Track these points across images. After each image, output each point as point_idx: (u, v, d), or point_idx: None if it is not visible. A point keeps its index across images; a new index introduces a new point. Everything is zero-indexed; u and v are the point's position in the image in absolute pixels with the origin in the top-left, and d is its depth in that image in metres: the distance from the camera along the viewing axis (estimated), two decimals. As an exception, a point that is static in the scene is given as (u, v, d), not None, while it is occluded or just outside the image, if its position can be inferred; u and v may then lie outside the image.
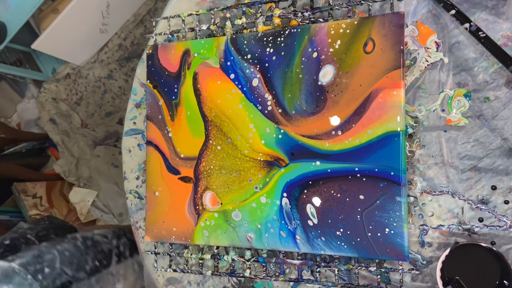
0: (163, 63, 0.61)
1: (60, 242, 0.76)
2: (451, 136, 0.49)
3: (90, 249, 0.80)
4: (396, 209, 0.47)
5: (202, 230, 0.58)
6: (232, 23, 0.58)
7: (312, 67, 0.51)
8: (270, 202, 0.53)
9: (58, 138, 1.48)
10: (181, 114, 0.60)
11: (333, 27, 0.50)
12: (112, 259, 0.82)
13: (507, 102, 0.47)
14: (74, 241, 0.78)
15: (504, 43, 0.47)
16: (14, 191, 1.27)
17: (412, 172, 0.50)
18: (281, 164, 0.53)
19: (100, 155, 1.43)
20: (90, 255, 0.78)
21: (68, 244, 0.76)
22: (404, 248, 0.46)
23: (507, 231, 0.46)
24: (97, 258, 0.79)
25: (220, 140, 0.57)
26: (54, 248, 0.74)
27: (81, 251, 0.77)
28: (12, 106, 1.63)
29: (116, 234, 0.88)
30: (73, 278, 0.72)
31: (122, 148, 0.70)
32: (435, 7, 0.50)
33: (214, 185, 0.57)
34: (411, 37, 0.50)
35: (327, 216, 0.50)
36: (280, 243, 0.53)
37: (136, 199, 0.68)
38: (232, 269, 0.58)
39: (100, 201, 1.36)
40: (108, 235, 0.85)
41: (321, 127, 0.51)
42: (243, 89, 0.56)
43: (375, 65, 0.48)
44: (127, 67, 1.47)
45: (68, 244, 0.76)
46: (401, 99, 0.47)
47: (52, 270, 0.70)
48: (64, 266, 0.72)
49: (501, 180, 0.47)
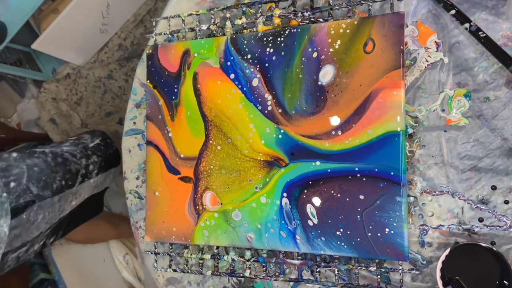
0: (163, 63, 0.61)
1: (30, 156, 0.73)
2: (451, 136, 0.49)
3: (60, 167, 0.77)
4: (396, 209, 0.47)
5: (202, 230, 0.58)
6: (232, 23, 0.58)
7: (312, 67, 0.51)
8: (270, 202, 0.53)
9: (58, 138, 1.48)
10: (181, 114, 0.60)
11: (333, 27, 0.50)
12: (77, 179, 0.80)
13: (507, 102, 0.47)
14: (44, 157, 0.75)
15: (504, 43, 0.47)
16: (14, 191, 1.27)
17: (412, 172, 0.50)
18: (281, 164, 0.53)
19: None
20: (58, 173, 0.75)
21: (38, 159, 0.73)
22: (404, 248, 0.46)
23: (507, 231, 0.46)
24: (64, 178, 0.77)
25: (220, 140, 0.57)
26: (24, 163, 0.71)
27: (50, 169, 0.74)
28: (12, 106, 1.63)
29: (85, 154, 0.84)
30: (37, 196, 0.70)
31: (122, 148, 0.70)
32: (435, 7, 0.50)
33: (214, 185, 0.57)
34: (411, 37, 0.50)
35: (327, 216, 0.50)
36: (280, 243, 0.53)
37: (136, 199, 0.68)
38: (232, 269, 0.58)
39: (100, 201, 1.36)
40: (77, 154, 0.82)
41: (321, 127, 0.51)
42: (243, 89, 0.56)
43: (375, 65, 0.48)
44: (127, 67, 1.47)
45: (38, 160, 0.73)
46: (401, 99, 0.47)
47: (18, 185, 0.67)
48: (31, 182, 0.69)
49: (501, 180, 0.47)
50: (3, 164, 0.69)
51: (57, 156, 0.78)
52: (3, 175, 0.67)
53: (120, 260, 1.27)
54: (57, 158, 0.78)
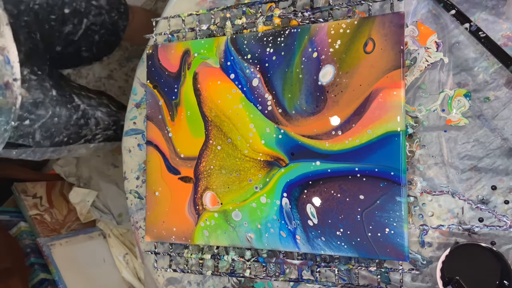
0: (163, 63, 0.61)
1: (63, 104, 0.71)
2: (451, 136, 0.49)
3: (76, 127, 0.74)
4: (396, 209, 0.47)
5: (202, 230, 0.58)
6: (232, 23, 0.58)
7: (312, 67, 0.51)
8: (270, 202, 0.53)
9: (58, 138, 1.48)
10: (181, 114, 0.60)
11: (333, 27, 0.50)
12: (80, 141, 0.78)
13: (507, 102, 0.47)
14: (73, 112, 0.72)
15: (504, 43, 0.47)
16: (14, 191, 1.27)
17: (412, 172, 0.50)
18: (281, 164, 0.53)
19: (100, 155, 1.43)
20: (69, 131, 0.73)
21: (68, 111, 0.71)
22: (404, 248, 0.46)
23: (507, 231, 0.46)
24: (70, 136, 0.75)
25: (220, 140, 0.57)
26: (53, 108, 0.68)
27: (67, 124, 0.72)
28: (12, 106, 1.63)
29: (107, 126, 0.81)
30: (36, 144, 0.68)
31: (122, 148, 0.70)
32: (435, 7, 0.50)
33: (214, 185, 0.57)
34: (411, 37, 0.50)
35: (327, 216, 0.50)
36: (280, 243, 0.53)
37: (136, 199, 0.68)
38: (232, 269, 0.58)
39: (100, 201, 1.36)
40: (101, 123, 0.79)
41: (321, 127, 0.51)
42: (243, 89, 0.56)
43: (375, 65, 0.48)
44: (127, 67, 1.47)
45: (67, 112, 0.71)
46: (401, 99, 0.47)
47: (28, 126, 0.65)
48: (41, 130, 0.67)
49: (501, 180, 0.47)
50: (37, 98, 0.66)
51: (85, 116, 0.76)
52: (26, 110, 0.64)
53: (120, 260, 1.27)
54: (83, 119, 0.76)
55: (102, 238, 1.31)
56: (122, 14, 0.87)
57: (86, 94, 0.82)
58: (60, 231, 1.26)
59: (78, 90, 0.80)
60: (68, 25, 0.76)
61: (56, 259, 1.14)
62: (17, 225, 1.22)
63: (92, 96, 0.83)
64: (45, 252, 1.13)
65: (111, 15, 0.84)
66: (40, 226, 1.21)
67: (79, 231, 1.29)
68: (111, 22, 0.84)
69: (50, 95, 0.69)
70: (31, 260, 1.15)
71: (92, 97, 0.83)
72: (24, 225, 1.22)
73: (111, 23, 0.84)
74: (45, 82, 0.69)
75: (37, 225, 1.21)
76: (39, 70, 0.68)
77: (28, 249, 1.16)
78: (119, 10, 0.86)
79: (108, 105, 0.87)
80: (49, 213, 1.29)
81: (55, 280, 1.11)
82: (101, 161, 1.43)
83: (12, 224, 1.23)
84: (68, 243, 1.21)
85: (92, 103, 0.81)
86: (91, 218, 1.35)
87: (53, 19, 0.72)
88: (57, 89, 0.72)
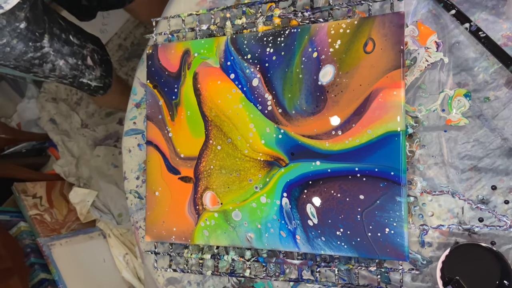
0: (163, 63, 0.61)
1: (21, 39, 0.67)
2: (451, 136, 0.49)
3: (26, 63, 0.72)
4: (396, 209, 0.47)
5: (202, 230, 0.58)
6: (232, 23, 0.58)
7: (312, 67, 0.51)
8: (270, 202, 0.53)
9: (58, 138, 1.48)
10: (181, 114, 0.60)
11: (333, 27, 0.50)
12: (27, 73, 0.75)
13: (507, 102, 0.47)
14: (31, 50, 0.70)
15: (504, 43, 0.47)
16: (14, 191, 1.27)
17: (412, 172, 0.50)
18: (281, 164, 0.53)
19: (100, 155, 1.43)
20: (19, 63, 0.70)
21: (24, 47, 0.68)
22: (404, 248, 0.46)
23: (507, 231, 0.46)
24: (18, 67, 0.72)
25: (220, 140, 0.57)
26: (7, 37, 0.65)
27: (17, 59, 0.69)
28: (12, 106, 1.63)
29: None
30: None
31: (122, 148, 0.70)
32: (435, 7, 0.50)
33: (214, 185, 0.57)
34: (411, 37, 0.50)
35: (327, 216, 0.50)
36: (280, 243, 0.53)
37: (136, 199, 0.68)
38: (232, 269, 0.58)
39: (100, 201, 1.36)
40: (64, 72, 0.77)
41: (321, 127, 0.51)
42: (243, 89, 0.56)
43: (375, 65, 0.48)
44: (127, 67, 1.47)
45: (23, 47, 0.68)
46: (401, 99, 0.47)
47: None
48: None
49: (501, 180, 0.47)
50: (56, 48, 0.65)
51: (42, 59, 0.73)
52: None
53: (120, 260, 1.27)
54: (39, 59, 0.73)
55: (102, 238, 1.31)
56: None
57: (66, 37, 0.78)
58: (60, 231, 1.26)
59: (60, 31, 0.76)
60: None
61: (56, 259, 1.14)
62: (17, 225, 1.22)
63: (71, 42, 0.79)
64: (45, 252, 1.13)
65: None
66: (40, 226, 1.21)
67: (79, 231, 1.29)
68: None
69: (15, 25, 0.65)
70: (31, 260, 1.15)
71: (70, 42, 0.79)
72: (24, 225, 1.22)
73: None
74: (20, 11, 0.65)
75: (37, 225, 1.21)
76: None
77: (28, 249, 1.16)
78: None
79: (86, 57, 0.83)
80: (49, 213, 1.29)
81: (55, 280, 1.11)
82: (101, 161, 1.43)
83: (12, 224, 1.23)
84: (68, 243, 1.21)
85: (64, 50, 0.77)
86: (91, 218, 1.35)
87: None
88: (31, 23, 0.68)
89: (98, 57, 0.86)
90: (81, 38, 0.82)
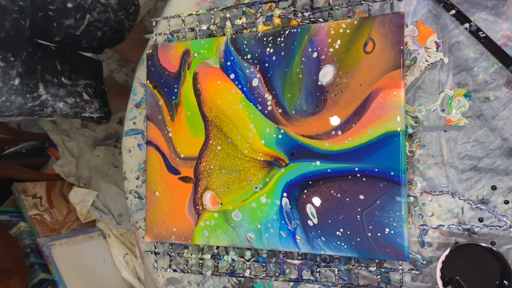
0: (163, 63, 0.61)
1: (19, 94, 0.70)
2: (451, 136, 0.49)
3: (28, 110, 0.74)
4: (396, 209, 0.47)
5: (202, 230, 0.58)
6: (232, 23, 0.58)
7: (312, 67, 0.51)
8: (270, 202, 0.53)
9: (58, 138, 1.48)
10: (181, 114, 0.60)
11: (333, 27, 0.50)
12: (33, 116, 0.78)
13: (507, 102, 0.47)
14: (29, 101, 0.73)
15: (504, 43, 0.47)
16: (14, 191, 1.27)
17: (412, 172, 0.50)
18: (281, 164, 0.53)
19: (100, 155, 1.43)
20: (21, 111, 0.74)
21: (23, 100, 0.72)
22: (404, 248, 0.46)
23: (507, 231, 0.46)
24: (22, 115, 0.74)
25: (220, 140, 0.57)
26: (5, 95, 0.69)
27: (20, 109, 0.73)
28: (12, 106, 1.63)
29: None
30: None
31: (122, 148, 0.70)
32: (435, 7, 0.50)
33: (214, 185, 0.57)
34: (411, 37, 0.50)
35: (327, 216, 0.50)
36: (280, 243, 0.53)
37: (136, 199, 0.68)
38: (232, 269, 0.58)
39: (100, 201, 1.36)
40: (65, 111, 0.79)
41: (321, 127, 0.51)
42: (243, 89, 0.56)
43: (375, 65, 0.48)
44: (127, 67, 1.47)
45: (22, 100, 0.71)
46: (401, 99, 0.47)
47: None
48: None
49: (501, 180, 0.47)
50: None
51: (42, 105, 0.76)
52: None
53: (120, 260, 1.27)
54: (39, 107, 0.76)
55: (102, 238, 1.31)
56: (130, 15, 0.87)
57: (58, 81, 0.80)
58: (60, 231, 1.26)
59: (52, 77, 0.79)
60: (69, 19, 0.76)
61: (56, 259, 1.14)
62: (17, 225, 1.22)
63: (63, 84, 0.81)
64: (45, 252, 1.13)
65: (117, 14, 0.83)
66: (40, 226, 1.21)
67: (79, 231, 1.29)
68: (116, 21, 0.84)
69: (10, 84, 0.69)
70: (31, 260, 1.15)
71: (63, 84, 0.81)
72: (24, 225, 1.22)
73: (115, 21, 0.84)
74: (12, 69, 0.69)
75: (37, 225, 1.21)
76: (12, 57, 0.69)
77: (28, 249, 1.16)
78: (128, 10, 0.85)
79: (81, 93, 0.86)
80: (49, 213, 1.29)
81: (55, 280, 1.11)
82: (101, 161, 1.43)
83: (12, 224, 1.23)
84: (68, 243, 1.21)
85: (61, 93, 0.80)
86: (91, 218, 1.35)
87: (51, 9, 0.72)
88: (24, 77, 0.71)
89: (92, 90, 0.89)
90: (73, 76, 0.85)
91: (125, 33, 0.89)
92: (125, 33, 0.89)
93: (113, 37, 0.87)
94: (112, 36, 0.86)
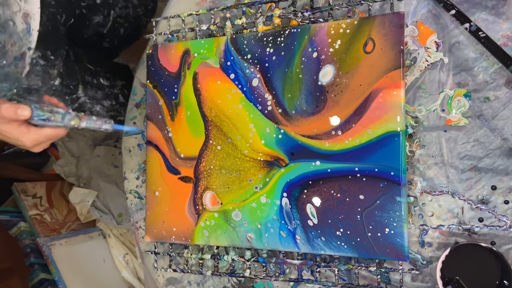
0: (163, 63, 0.61)
1: (57, 95, 0.69)
2: (451, 136, 0.49)
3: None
4: (396, 209, 0.47)
5: (202, 230, 0.58)
6: (232, 23, 0.58)
7: (312, 67, 0.51)
8: (270, 202, 0.53)
9: (58, 138, 1.48)
10: (181, 114, 0.60)
11: (333, 27, 0.50)
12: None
13: (507, 102, 0.47)
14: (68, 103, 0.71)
15: (504, 43, 0.47)
16: (14, 191, 1.27)
17: (412, 172, 0.50)
18: (281, 164, 0.53)
19: (100, 155, 1.43)
20: None
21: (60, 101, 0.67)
22: (404, 248, 0.46)
23: (507, 231, 0.46)
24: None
25: (220, 140, 0.57)
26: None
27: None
28: (12, 106, 1.63)
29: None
30: None
31: (122, 148, 0.70)
32: (435, 7, 0.50)
33: (214, 185, 0.57)
34: (411, 37, 0.50)
35: (327, 216, 0.50)
36: (280, 243, 0.53)
37: (136, 199, 0.68)
38: (232, 269, 0.58)
39: (100, 201, 1.36)
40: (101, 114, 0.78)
41: (321, 127, 0.51)
42: (243, 89, 0.56)
43: (375, 65, 0.48)
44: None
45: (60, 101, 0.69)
46: (401, 99, 0.47)
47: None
48: None
49: (501, 180, 0.47)
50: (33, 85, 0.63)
51: (80, 108, 0.75)
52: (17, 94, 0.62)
53: (120, 260, 1.27)
54: (77, 109, 0.74)
55: (102, 238, 1.31)
56: (148, 11, 0.86)
57: (97, 82, 0.79)
58: (60, 231, 1.26)
59: (91, 77, 0.78)
60: (98, 15, 0.75)
61: (56, 259, 1.14)
62: (17, 225, 1.22)
63: (102, 85, 0.80)
64: (45, 252, 1.13)
65: (137, 10, 0.83)
66: (40, 226, 1.21)
67: (79, 231, 1.29)
68: (134, 16, 0.83)
69: (50, 84, 0.67)
70: (31, 260, 1.15)
71: (101, 86, 0.80)
72: (24, 225, 1.22)
73: (134, 17, 0.83)
74: (53, 69, 0.66)
75: (37, 225, 1.21)
76: (52, 55, 0.66)
77: (28, 249, 1.16)
78: (147, 7, 0.85)
79: (117, 96, 0.85)
80: (49, 213, 1.29)
81: (55, 280, 1.11)
82: (101, 161, 1.42)
83: (12, 224, 1.23)
84: (68, 243, 1.21)
85: (98, 95, 0.79)
86: (91, 218, 1.35)
87: (83, 6, 0.71)
88: (64, 78, 0.70)
89: (127, 92, 0.88)
90: (111, 77, 0.84)
91: (141, 29, 0.88)
92: (141, 29, 0.88)
93: (132, 34, 0.87)
94: (131, 33, 0.86)
